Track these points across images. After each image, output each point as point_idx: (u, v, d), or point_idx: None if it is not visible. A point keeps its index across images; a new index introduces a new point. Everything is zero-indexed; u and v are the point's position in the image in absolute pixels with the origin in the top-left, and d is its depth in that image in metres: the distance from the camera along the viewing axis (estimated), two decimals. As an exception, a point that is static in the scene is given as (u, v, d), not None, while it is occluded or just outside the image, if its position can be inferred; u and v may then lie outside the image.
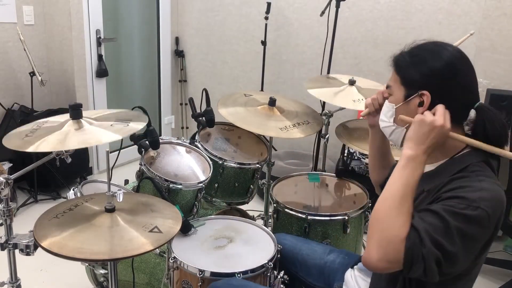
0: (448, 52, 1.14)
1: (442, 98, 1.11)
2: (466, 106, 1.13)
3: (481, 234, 1.03)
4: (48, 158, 1.43)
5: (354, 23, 3.33)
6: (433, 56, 1.14)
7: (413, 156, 1.09)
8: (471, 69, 1.15)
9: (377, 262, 1.03)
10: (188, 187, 1.74)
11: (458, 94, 1.12)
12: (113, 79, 3.77)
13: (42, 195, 3.21)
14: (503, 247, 2.92)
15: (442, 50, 1.15)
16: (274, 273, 1.49)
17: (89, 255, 1.18)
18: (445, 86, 1.11)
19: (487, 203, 1.01)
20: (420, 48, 1.20)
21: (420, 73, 1.14)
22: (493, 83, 2.95)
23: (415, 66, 1.15)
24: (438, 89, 1.12)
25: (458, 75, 1.12)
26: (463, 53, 1.15)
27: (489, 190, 1.05)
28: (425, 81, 1.13)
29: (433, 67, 1.12)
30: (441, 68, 1.12)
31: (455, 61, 1.12)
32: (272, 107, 2.06)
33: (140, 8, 3.92)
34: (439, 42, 1.19)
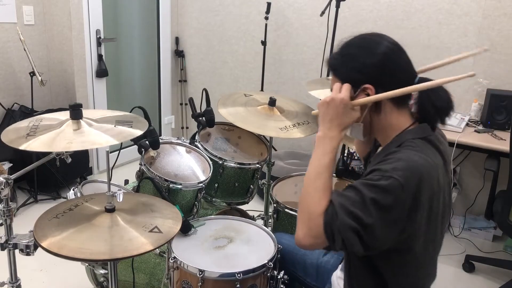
0: (378, 45, 1.17)
1: (384, 86, 1.15)
2: (406, 85, 1.16)
3: (396, 203, 1.03)
4: (48, 158, 1.44)
5: (354, 23, 3.33)
6: (365, 51, 1.18)
7: (321, 136, 1.18)
8: (402, 52, 1.19)
9: (303, 239, 1.10)
10: (188, 187, 1.74)
11: (396, 78, 1.16)
12: (113, 79, 3.77)
13: (42, 195, 3.21)
14: (503, 247, 2.92)
15: (371, 44, 1.19)
16: (274, 273, 1.49)
17: (89, 255, 1.18)
18: (383, 76, 1.16)
19: (399, 173, 1.03)
20: (349, 45, 1.23)
21: (356, 70, 1.18)
22: (493, 83, 2.95)
23: (350, 64, 1.19)
24: (378, 80, 1.16)
25: (393, 63, 1.16)
26: (390, 40, 1.20)
27: (404, 160, 1.07)
28: (364, 76, 1.16)
29: (368, 61, 1.16)
30: (376, 61, 1.16)
31: (386, 51, 1.16)
32: (272, 107, 2.06)
33: (140, 8, 3.92)
34: (366, 36, 1.23)
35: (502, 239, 3.02)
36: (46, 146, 1.27)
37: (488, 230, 3.03)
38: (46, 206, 3.08)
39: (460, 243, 2.96)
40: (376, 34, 1.22)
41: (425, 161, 1.08)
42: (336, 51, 1.24)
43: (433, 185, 1.08)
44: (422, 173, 1.05)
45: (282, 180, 2.13)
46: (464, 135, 2.66)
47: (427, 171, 1.06)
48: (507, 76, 2.91)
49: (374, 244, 1.06)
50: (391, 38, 1.21)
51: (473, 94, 3.03)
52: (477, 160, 3.05)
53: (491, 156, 2.53)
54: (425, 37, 3.11)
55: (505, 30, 2.87)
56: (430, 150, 1.13)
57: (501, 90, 2.89)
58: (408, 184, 1.03)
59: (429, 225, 1.11)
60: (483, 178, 3.05)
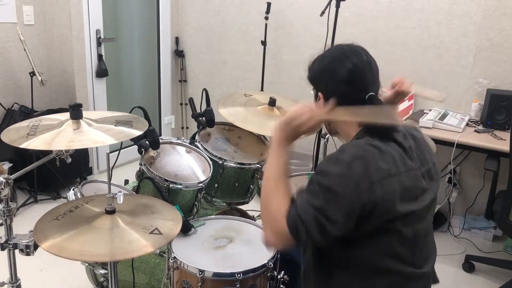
0: (340, 67, 1.26)
1: (330, 95, 1.26)
2: (358, 99, 1.23)
3: (341, 185, 1.09)
4: (48, 158, 1.44)
5: (354, 23, 3.33)
6: (317, 62, 1.33)
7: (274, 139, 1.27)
8: (362, 74, 1.26)
9: (271, 239, 1.16)
10: (188, 187, 1.74)
11: (347, 95, 1.24)
12: (113, 79, 3.77)
13: (42, 195, 3.21)
14: (503, 247, 2.93)
15: (335, 63, 1.28)
16: (274, 273, 1.49)
17: (89, 257, 1.18)
18: (334, 90, 1.26)
19: (344, 156, 1.12)
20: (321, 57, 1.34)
21: (315, 80, 1.34)
22: (493, 83, 2.95)
23: (313, 74, 1.35)
24: (329, 92, 1.27)
25: (346, 83, 1.24)
26: (357, 63, 1.26)
27: (349, 146, 1.17)
28: (320, 86, 1.32)
29: (324, 77, 1.30)
30: (321, 72, 1.30)
31: (344, 75, 1.24)
32: (272, 107, 2.06)
33: (140, 8, 3.92)
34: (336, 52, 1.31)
35: (502, 239, 3.02)
36: (46, 145, 1.27)
37: (488, 230, 3.03)
38: (46, 206, 3.09)
39: (460, 243, 2.96)
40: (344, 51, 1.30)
41: (370, 145, 1.15)
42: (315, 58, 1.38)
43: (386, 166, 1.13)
44: (367, 152, 1.13)
45: (282, 180, 2.12)
46: (464, 135, 2.66)
47: (373, 153, 1.13)
48: (507, 76, 2.91)
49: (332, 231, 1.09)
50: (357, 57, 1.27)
51: (473, 94, 3.03)
52: (477, 160, 3.05)
53: (491, 156, 2.53)
54: (425, 37, 3.11)
55: (505, 30, 2.87)
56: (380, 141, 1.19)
57: (501, 90, 2.89)
58: (351, 166, 1.10)
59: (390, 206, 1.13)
60: (483, 178, 3.05)
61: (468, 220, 3.10)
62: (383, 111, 1.25)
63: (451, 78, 3.08)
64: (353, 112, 1.23)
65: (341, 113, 1.24)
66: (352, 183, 1.08)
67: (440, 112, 2.96)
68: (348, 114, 1.23)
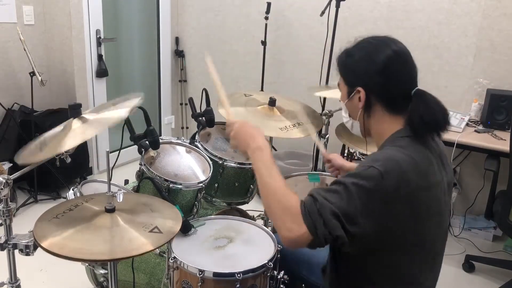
0: (379, 53, 1.20)
1: (376, 93, 1.20)
2: (402, 95, 1.19)
3: (373, 190, 1.04)
4: (48, 158, 1.43)
5: (354, 23, 3.33)
6: (366, 57, 1.22)
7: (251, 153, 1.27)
8: (405, 64, 1.21)
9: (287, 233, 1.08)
10: (188, 187, 1.74)
11: (391, 87, 1.19)
12: (113, 79, 3.77)
13: (42, 195, 3.21)
14: (503, 247, 2.93)
15: (375, 51, 1.21)
16: (274, 273, 1.48)
17: (89, 255, 1.18)
18: (377, 83, 1.19)
19: (379, 163, 1.06)
20: (357, 47, 1.26)
21: (354, 73, 1.24)
22: (493, 83, 2.95)
23: (350, 66, 1.25)
24: (371, 86, 1.20)
25: (390, 73, 1.18)
26: (395, 47, 1.21)
27: (385, 153, 1.11)
28: (359, 79, 1.22)
29: (365, 67, 1.20)
30: (373, 68, 1.19)
31: (386, 62, 1.19)
32: (272, 107, 2.06)
33: (140, 8, 3.92)
34: (375, 40, 1.25)
35: (502, 239, 3.02)
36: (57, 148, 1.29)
37: (488, 230, 3.02)
38: (46, 206, 3.08)
39: (460, 243, 2.96)
40: (383, 40, 1.24)
41: (407, 156, 1.10)
42: (345, 49, 1.29)
43: (417, 180, 1.09)
44: (402, 166, 1.07)
45: (282, 180, 2.12)
46: (464, 135, 2.66)
47: (408, 165, 1.08)
48: (507, 76, 2.91)
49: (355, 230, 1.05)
50: (397, 45, 1.22)
51: (473, 94, 3.03)
52: (477, 160, 3.05)
53: (491, 156, 2.53)
54: (425, 37, 3.11)
55: (505, 30, 2.87)
56: (416, 147, 1.15)
57: (501, 90, 2.89)
58: (388, 173, 1.05)
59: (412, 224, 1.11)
60: (483, 178, 3.05)
61: (468, 220, 3.10)
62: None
63: (451, 78, 3.08)
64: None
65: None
66: (385, 193, 1.05)
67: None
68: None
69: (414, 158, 1.10)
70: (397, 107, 1.20)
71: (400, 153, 1.10)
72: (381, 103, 1.20)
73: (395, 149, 1.12)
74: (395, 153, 1.10)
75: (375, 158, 1.09)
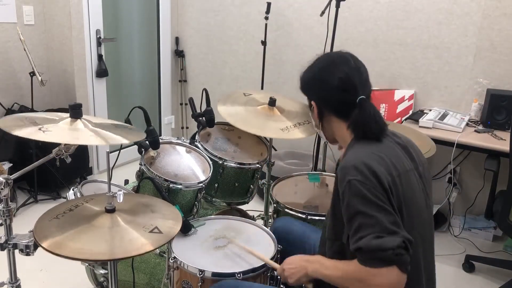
0: (318, 66, 1.35)
1: (323, 103, 1.34)
2: (347, 103, 1.28)
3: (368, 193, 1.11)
4: (48, 158, 1.43)
5: (354, 23, 3.33)
6: (311, 71, 1.37)
7: (312, 273, 1.28)
8: (351, 81, 1.28)
9: (386, 285, 1.10)
10: (188, 187, 1.74)
11: (330, 96, 1.31)
12: (113, 79, 3.77)
13: (42, 195, 3.21)
14: (503, 247, 2.93)
15: (316, 65, 1.36)
16: (274, 273, 1.48)
17: (89, 255, 1.18)
18: (326, 97, 1.33)
19: (352, 173, 1.14)
20: (311, 66, 1.39)
21: (307, 89, 1.40)
22: (493, 83, 2.95)
23: (305, 83, 1.40)
24: (318, 97, 1.35)
25: (326, 84, 1.30)
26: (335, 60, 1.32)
27: (350, 160, 1.18)
28: (310, 93, 1.39)
29: (311, 82, 1.37)
30: (315, 81, 1.35)
31: (321, 73, 1.33)
32: (272, 107, 2.05)
33: (140, 8, 3.91)
34: (323, 55, 1.39)
35: (502, 239, 3.02)
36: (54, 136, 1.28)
37: (488, 230, 3.02)
38: (46, 206, 3.08)
39: (460, 243, 2.96)
40: (328, 53, 1.42)
41: (370, 153, 1.18)
42: (306, 67, 1.41)
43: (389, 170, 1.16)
44: (370, 163, 1.15)
45: (282, 180, 2.13)
46: (464, 135, 2.66)
47: (374, 161, 1.16)
48: (507, 76, 2.91)
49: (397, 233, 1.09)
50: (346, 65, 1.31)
51: (473, 94, 3.03)
52: (477, 160, 3.05)
53: (491, 156, 2.53)
54: (425, 37, 3.11)
55: (505, 30, 2.87)
56: (378, 144, 1.23)
57: (501, 90, 2.89)
58: (365, 177, 1.12)
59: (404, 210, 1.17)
60: (483, 178, 3.05)
61: (468, 220, 3.10)
62: None
63: (451, 78, 3.08)
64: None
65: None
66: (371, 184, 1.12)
67: (440, 112, 2.96)
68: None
69: (377, 153, 1.18)
70: (347, 114, 1.29)
71: (361, 152, 1.19)
72: (331, 112, 1.32)
73: (357, 151, 1.22)
74: (357, 155, 1.19)
75: (344, 172, 1.16)
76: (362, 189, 1.11)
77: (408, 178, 1.21)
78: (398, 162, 1.21)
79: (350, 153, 1.23)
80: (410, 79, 3.21)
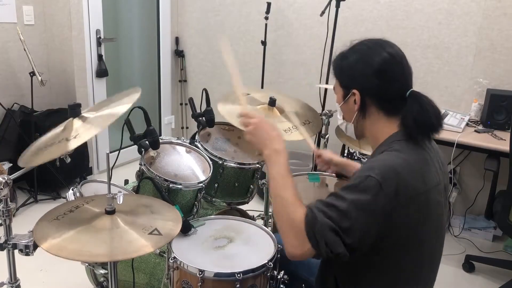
0: (374, 55, 1.21)
1: (371, 95, 1.21)
2: (398, 97, 1.19)
3: (372, 202, 1.05)
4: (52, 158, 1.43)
5: (354, 23, 3.33)
6: (361, 59, 1.23)
7: (268, 154, 1.27)
8: (400, 66, 1.21)
9: (292, 250, 1.12)
10: (188, 187, 1.74)
11: (386, 89, 1.19)
12: (113, 79, 3.77)
13: (42, 195, 3.21)
14: (503, 247, 2.93)
15: (370, 54, 1.22)
16: (274, 273, 1.48)
17: (89, 257, 1.18)
18: (372, 84, 1.20)
19: (375, 171, 1.06)
20: (352, 50, 1.28)
21: (349, 75, 1.25)
22: (493, 83, 2.95)
23: (345, 69, 1.26)
24: (366, 88, 1.21)
25: (385, 75, 1.19)
26: (390, 50, 1.22)
27: (382, 160, 1.11)
28: (355, 81, 1.23)
29: (360, 70, 1.22)
30: (368, 70, 1.20)
31: (382, 64, 1.20)
32: (272, 107, 2.05)
33: (140, 8, 3.92)
34: (370, 43, 1.27)
35: (502, 239, 3.02)
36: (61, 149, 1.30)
37: (488, 230, 3.02)
38: (46, 206, 3.09)
39: (460, 243, 2.96)
40: (378, 42, 1.26)
41: (403, 160, 1.10)
42: (341, 52, 1.29)
43: (416, 184, 1.09)
44: (399, 172, 1.07)
45: (282, 180, 2.12)
46: (464, 135, 2.66)
47: (405, 170, 1.08)
48: (507, 76, 2.91)
49: (355, 244, 1.06)
50: (392, 48, 1.23)
51: (473, 94, 3.03)
52: (477, 160, 3.05)
53: (491, 156, 2.53)
54: (425, 37, 3.11)
55: (505, 30, 2.87)
56: (412, 151, 1.15)
57: (501, 90, 2.89)
58: (385, 181, 1.05)
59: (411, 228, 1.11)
60: (483, 178, 3.05)
61: (468, 220, 3.09)
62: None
63: (451, 78, 3.08)
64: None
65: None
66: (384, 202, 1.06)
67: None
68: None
69: (410, 163, 1.11)
70: (392, 109, 1.20)
71: (396, 158, 1.11)
72: (376, 105, 1.21)
73: (391, 154, 1.13)
74: (391, 158, 1.11)
75: (371, 166, 1.09)
76: (372, 189, 1.05)
77: (434, 193, 1.15)
78: (429, 177, 1.13)
79: (386, 155, 1.13)
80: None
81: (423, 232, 1.14)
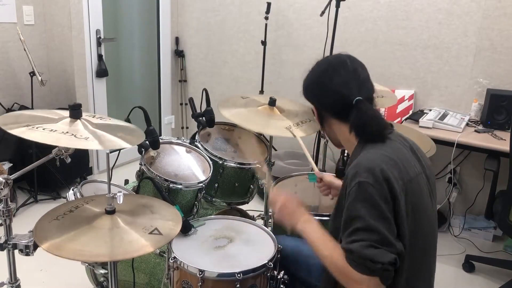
0: (318, 70, 1.34)
1: (322, 107, 1.35)
2: (345, 105, 1.27)
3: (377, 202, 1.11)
4: (48, 158, 1.43)
5: (354, 23, 3.33)
6: (307, 77, 1.37)
7: (300, 227, 1.31)
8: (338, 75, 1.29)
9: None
10: (188, 187, 1.74)
11: (332, 99, 1.30)
12: (113, 79, 3.77)
13: (42, 195, 3.21)
14: (503, 247, 2.92)
15: (315, 69, 1.36)
16: (274, 273, 1.49)
17: (89, 257, 1.18)
18: (317, 97, 1.34)
19: (363, 175, 1.13)
20: (309, 71, 1.39)
21: (306, 95, 1.40)
22: (493, 83, 2.95)
23: (304, 88, 1.40)
24: (317, 101, 1.36)
25: (323, 85, 1.31)
26: (333, 63, 1.32)
27: (362, 161, 1.17)
28: (310, 98, 1.38)
29: (310, 86, 1.37)
30: (313, 85, 1.35)
31: (321, 75, 1.32)
32: (272, 107, 2.05)
33: (140, 8, 3.91)
34: (322, 59, 1.37)
35: (502, 239, 3.02)
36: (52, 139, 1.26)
37: (488, 230, 3.02)
38: (46, 206, 3.09)
39: (460, 243, 2.96)
40: (327, 57, 1.38)
41: (383, 155, 1.17)
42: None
43: (401, 175, 1.15)
44: (383, 167, 1.13)
45: (282, 180, 2.12)
46: (464, 135, 2.66)
47: (388, 164, 1.15)
48: (507, 76, 2.91)
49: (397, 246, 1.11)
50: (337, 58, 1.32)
51: (473, 94, 3.03)
52: (477, 160, 3.05)
53: (491, 156, 2.53)
54: (425, 37, 3.11)
55: (505, 30, 2.87)
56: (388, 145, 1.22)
57: (501, 90, 2.89)
58: (377, 180, 1.11)
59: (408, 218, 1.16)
60: (483, 178, 3.05)
61: (468, 220, 3.09)
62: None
63: (451, 78, 3.08)
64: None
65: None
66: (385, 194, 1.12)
67: (440, 112, 2.96)
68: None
69: (390, 156, 1.17)
70: (345, 116, 1.28)
71: (376, 155, 1.17)
72: (330, 115, 1.32)
73: (369, 152, 1.20)
74: (371, 156, 1.17)
75: (356, 171, 1.15)
76: (371, 193, 1.11)
77: (418, 183, 1.21)
78: (409, 166, 1.20)
79: (363, 154, 1.21)
80: (410, 79, 3.21)
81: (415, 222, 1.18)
